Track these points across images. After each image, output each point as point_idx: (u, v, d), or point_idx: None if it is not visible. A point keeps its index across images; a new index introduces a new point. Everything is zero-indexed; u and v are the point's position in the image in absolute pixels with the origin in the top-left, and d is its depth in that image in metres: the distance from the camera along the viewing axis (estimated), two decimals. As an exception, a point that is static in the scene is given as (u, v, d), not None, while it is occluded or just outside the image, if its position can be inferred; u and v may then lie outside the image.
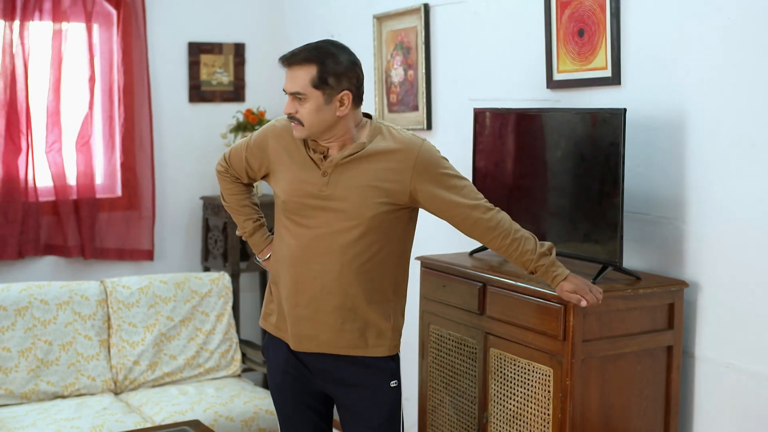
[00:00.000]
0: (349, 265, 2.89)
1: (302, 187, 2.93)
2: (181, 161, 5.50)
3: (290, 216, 2.96)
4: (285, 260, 2.97)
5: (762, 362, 2.98)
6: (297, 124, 2.88)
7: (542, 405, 3.10)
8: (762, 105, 2.92)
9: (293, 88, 2.85)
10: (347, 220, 2.88)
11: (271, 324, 3.08)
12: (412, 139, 2.93)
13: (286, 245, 2.97)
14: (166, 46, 5.40)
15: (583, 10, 3.50)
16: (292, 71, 2.85)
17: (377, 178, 2.88)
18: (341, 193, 2.88)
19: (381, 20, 4.76)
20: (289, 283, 2.96)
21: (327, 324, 2.93)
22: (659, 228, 3.30)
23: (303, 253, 2.93)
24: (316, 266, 2.91)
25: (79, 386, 4.46)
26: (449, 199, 2.90)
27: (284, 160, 2.98)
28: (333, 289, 2.90)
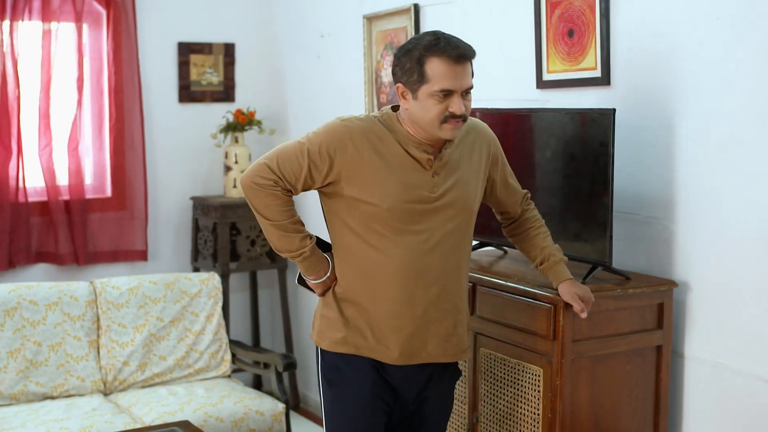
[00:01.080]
0: (458, 266, 2.82)
1: (411, 191, 2.71)
2: (170, 161, 5.49)
3: (392, 224, 2.71)
4: (386, 272, 2.73)
5: (751, 361, 2.98)
6: (461, 123, 2.69)
7: (532, 405, 3.10)
8: (750, 105, 2.93)
9: (469, 83, 2.67)
10: (455, 218, 2.77)
11: (355, 346, 2.79)
12: (476, 120, 2.96)
13: (386, 256, 2.72)
14: (156, 46, 5.39)
15: (572, 11, 3.50)
16: (464, 67, 2.66)
17: (475, 167, 2.85)
18: (452, 193, 2.76)
19: (371, 20, 4.75)
20: (395, 296, 2.74)
21: (439, 332, 2.80)
22: (649, 228, 3.30)
23: (415, 262, 2.73)
24: (432, 273, 2.75)
25: (69, 387, 4.45)
26: (511, 185, 3.00)
27: (376, 164, 2.70)
28: (446, 294, 2.79)
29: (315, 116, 5.35)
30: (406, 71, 2.70)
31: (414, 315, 2.76)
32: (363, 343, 2.79)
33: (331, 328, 2.83)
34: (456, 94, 2.64)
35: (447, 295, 2.80)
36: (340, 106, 5.12)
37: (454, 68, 2.63)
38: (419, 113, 2.68)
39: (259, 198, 2.75)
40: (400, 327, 2.77)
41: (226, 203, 5.27)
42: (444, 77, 2.63)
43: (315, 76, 5.34)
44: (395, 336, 2.77)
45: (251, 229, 5.38)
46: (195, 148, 5.55)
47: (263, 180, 2.73)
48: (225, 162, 5.41)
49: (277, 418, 4.36)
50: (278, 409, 4.39)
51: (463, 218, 2.81)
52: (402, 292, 2.74)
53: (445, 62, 2.62)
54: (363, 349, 2.80)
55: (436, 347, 2.82)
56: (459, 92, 2.65)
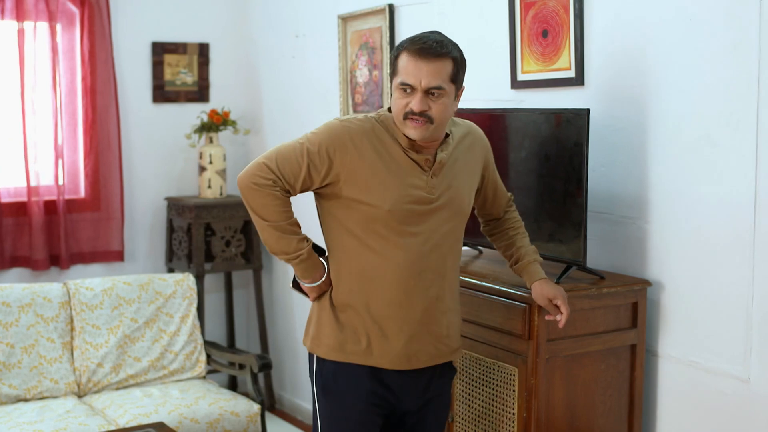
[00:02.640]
0: (453, 267, 2.82)
1: (410, 192, 2.69)
2: (145, 162, 5.47)
3: (392, 225, 2.69)
4: (384, 275, 2.71)
5: (724, 360, 3.00)
6: (424, 123, 2.63)
7: (507, 404, 3.11)
8: (723, 105, 2.95)
9: (434, 82, 2.61)
10: (451, 219, 2.77)
11: (352, 353, 2.76)
12: (470, 122, 2.98)
13: (384, 258, 2.70)
14: (130, 45, 5.37)
15: (546, 11, 3.51)
16: (431, 64, 2.61)
17: (470, 169, 2.86)
18: (448, 194, 2.76)
19: (346, 20, 4.75)
20: (393, 298, 2.72)
21: (436, 333, 2.79)
22: (623, 227, 3.32)
23: (413, 264, 2.71)
24: (430, 275, 2.74)
25: (42, 389, 4.42)
26: (499, 186, 3.02)
27: (377, 166, 2.68)
28: (443, 295, 2.78)
29: (290, 116, 5.34)
30: (391, 65, 2.73)
31: (413, 318, 2.74)
32: (358, 349, 2.75)
33: (326, 334, 2.80)
34: (417, 91, 2.62)
35: (444, 297, 2.80)
36: (315, 106, 5.11)
37: (416, 63, 2.61)
38: (393, 106, 2.71)
39: (257, 198, 2.70)
40: (399, 330, 2.74)
41: (200, 204, 5.26)
42: (405, 71, 2.63)
43: (290, 76, 5.33)
44: (394, 340, 2.74)
45: (226, 230, 5.36)
46: (169, 149, 5.53)
47: (262, 180, 2.68)
48: (200, 162, 5.39)
49: (252, 419, 4.35)
50: (253, 410, 4.38)
51: (457, 220, 2.82)
52: (401, 295, 2.72)
53: (408, 56, 2.63)
54: (359, 356, 2.76)
55: (432, 349, 2.80)
56: (419, 89, 2.62)
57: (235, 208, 5.38)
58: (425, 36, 2.66)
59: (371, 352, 2.75)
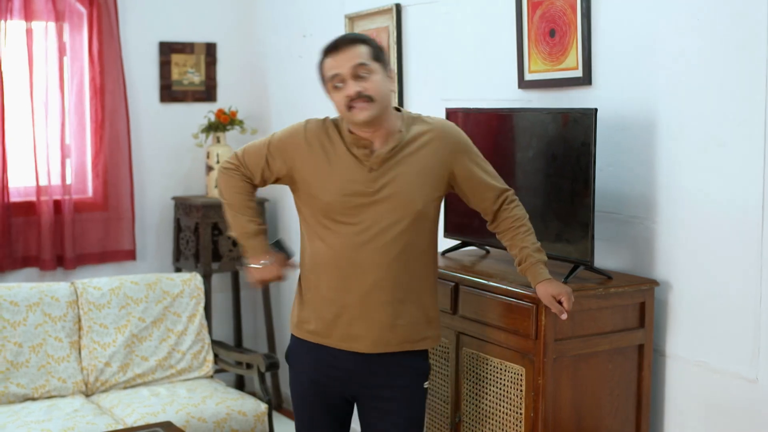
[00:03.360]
0: (398, 259, 2.89)
1: (348, 186, 2.87)
2: (152, 161, 5.48)
3: (333, 216, 2.89)
4: (327, 261, 2.92)
5: (732, 360, 3.00)
6: (365, 102, 2.81)
7: (514, 404, 3.10)
8: (731, 105, 2.95)
9: (356, 60, 2.82)
10: (396, 214, 2.87)
11: (307, 331, 3.00)
12: (444, 121, 3.05)
13: (327, 246, 2.91)
14: (137, 45, 5.37)
15: (554, 11, 3.51)
16: (345, 52, 2.84)
17: (423, 167, 2.91)
18: (390, 188, 2.87)
19: (353, 20, 4.75)
20: (334, 283, 2.91)
21: (379, 321, 2.90)
22: (630, 227, 3.32)
23: (350, 252, 2.88)
24: (366, 263, 2.87)
25: (50, 388, 4.43)
26: (485, 182, 3.01)
27: (321, 161, 2.91)
28: (384, 285, 2.89)
29: (297, 116, 5.30)
30: (320, 78, 2.96)
31: (350, 303, 2.90)
32: (309, 328, 2.99)
33: (293, 312, 3.09)
34: (346, 78, 2.82)
35: (386, 287, 2.89)
36: (321, 105, 5.08)
37: (335, 57, 2.85)
38: (336, 109, 2.91)
39: (221, 180, 3.05)
40: (338, 314, 2.92)
41: (207, 203, 5.26)
42: (329, 68, 2.87)
43: (297, 76, 5.33)
44: (334, 322, 2.93)
45: (233, 229, 5.36)
46: (176, 148, 5.53)
47: (228, 164, 3.04)
48: (207, 162, 5.40)
49: (259, 418, 4.35)
50: (261, 409, 4.38)
51: (406, 214, 2.88)
52: (339, 280, 2.91)
53: (326, 57, 2.88)
54: (310, 335, 2.99)
55: (380, 337, 2.91)
56: (348, 75, 2.82)
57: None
58: (336, 38, 2.91)
59: (318, 331, 2.97)
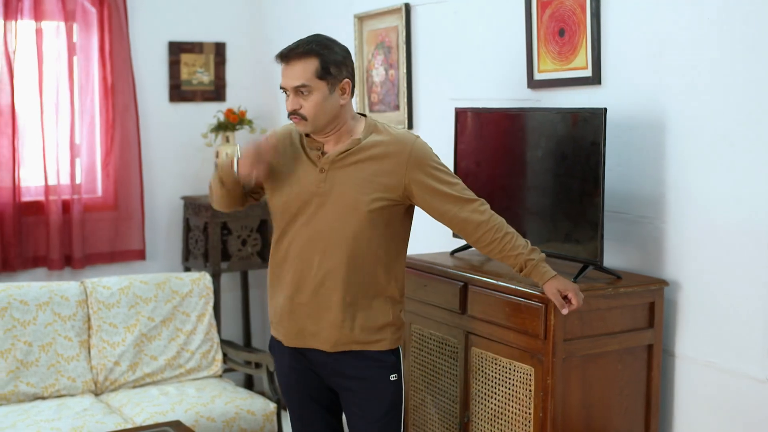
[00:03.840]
0: (349, 261, 2.91)
1: (302, 185, 2.94)
2: (161, 161, 5.48)
3: (290, 215, 2.97)
4: (286, 259, 2.99)
5: (741, 360, 2.99)
6: (300, 120, 2.89)
7: (523, 404, 3.10)
8: (740, 105, 2.94)
9: (297, 81, 2.85)
10: (345, 216, 2.90)
11: (275, 329, 3.10)
12: (406, 134, 2.99)
13: (287, 244, 2.99)
14: (147, 45, 5.38)
15: (563, 10, 3.51)
16: (292, 66, 2.85)
17: (373, 173, 2.91)
18: (339, 189, 2.91)
19: (362, 20, 4.75)
20: (289, 280, 2.98)
21: (328, 320, 2.95)
22: (639, 227, 3.31)
23: (303, 250, 2.94)
24: (317, 262, 2.93)
25: (59, 387, 4.44)
26: (443, 193, 2.93)
27: (284, 162, 2.99)
28: (334, 285, 2.93)
29: (306, 116, 5.34)
30: None
31: (301, 299, 2.97)
32: (276, 326, 3.08)
33: (271, 315, 3.15)
34: (290, 93, 2.88)
35: (335, 288, 2.93)
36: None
37: (283, 68, 2.89)
38: None
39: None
40: (291, 308, 2.99)
41: (217, 203, 5.26)
42: (280, 74, 2.91)
43: (306, 75, 5.33)
44: (289, 317, 3.00)
45: (242, 229, 5.38)
46: (186, 148, 5.54)
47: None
48: (216, 161, 5.40)
49: (268, 417, 4.36)
50: (269, 408, 4.39)
51: (353, 217, 2.89)
52: (292, 276, 2.97)
53: (278, 62, 2.91)
54: (277, 334, 3.09)
55: (329, 336, 2.96)
56: (289, 90, 2.88)
57: (251, 207, 5.34)
58: (296, 41, 2.89)
59: (283, 330, 3.05)
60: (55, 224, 5.05)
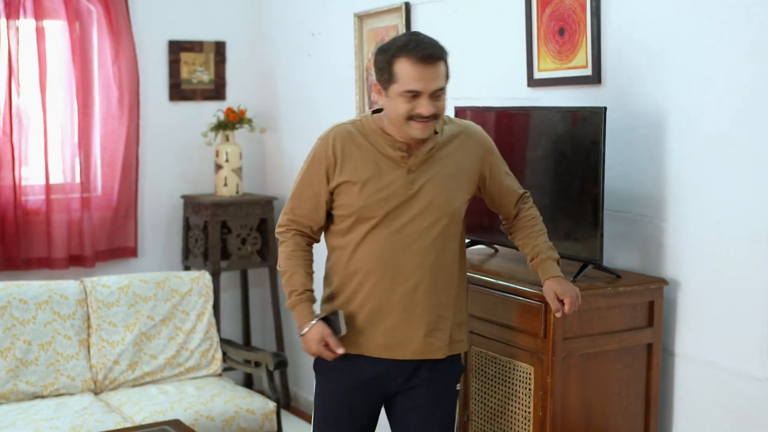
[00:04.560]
0: (436, 262, 2.86)
1: (386, 188, 2.81)
2: (161, 160, 5.49)
3: (370, 221, 2.82)
4: (367, 269, 2.84)
5: (741, 359, 2.99)
6: (429, 123, 2.75)
7: (523, 402, 3.10)
8: (740, 104, 2.94)
9: (441, 83, 2.74)
10: (434, 215, 2.83)
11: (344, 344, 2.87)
12: (470, 123, 3.02)
13: (366, 253, 2.84)
14: (147, 44, 5.38)
15: (563, 9, 3.51)
16: (435, 67, 2.72)
17: (458, 166, 2.89)
18: (428, 188, 2.82)
19: (362, 18, 4.75)
20: (374, 291, 2.84)
21: (420, 328, 2.85)
22: (639, 226, 3.31)
23: (392, 258, 2.82)
24: (408, 269, 2.83)
25: (59, 386, 4.43)
26: (507, 184, 3.01)
27: (353, 164, 2.83)
28: (425, 289, 2.84)
29: (306, 114, 5.35)
30: (380, 70, 2.78)
31: (392, 309, 2.84)
32: (347, 339, 2.87)
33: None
34: (423, 96, 2.71)
35: (427, 291, 2.85)
36: (330, 104, 5.12)
37: (421, 70, 2.70)
38: (390, 110, 2.79)
39: (280, 248, 2.97)
40: (379, 322, 2.86)
41: (216, 202, 5.27)
42: (410, 78, 2.70)
43: (306, 74, 5.33)
44: (375, 330, 2.86)
45: (242, 228, 5.38)
46: (186, 147, 5.54)
47: (280, 228, 2.97)
48: (216, 160, 5.41)
49: (267, 416, 4.36)
50: (269, 407, 4.38)
51: (444, 216, 2.85)
52: (379, 287, 2.84)
53: (411, 63, 2.70)
54: (350, 347, 2.88)
55: (419, 343, 2.86)
56: (426, 93, 2.72)
57: (251, 206, 5.39)
58: (418, 39, 2.74)
59: (357, 340, 2.88)
60: (56, 223, 5.06)
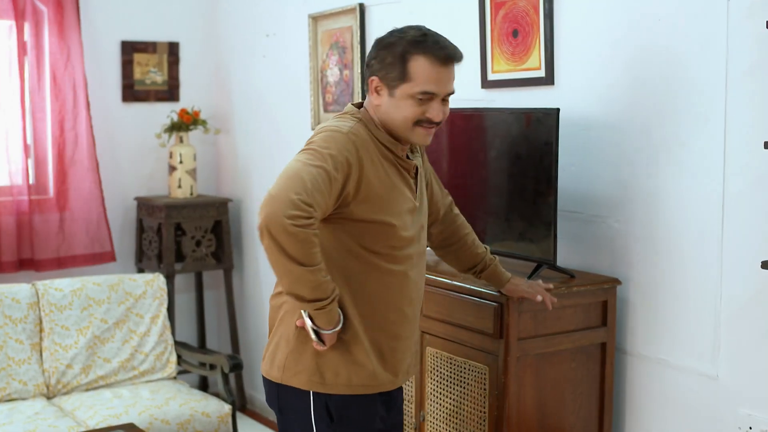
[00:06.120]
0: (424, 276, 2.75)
1: (407, 203, 2.54)
2: (114, 161, 5.44)
3: (395, 243, 2.52)
4: (393, 295, 2.55)
5: (693, 357, 3.03)
6: (434, 127, 2.53)
7: (478, 403, 3.11)
8: (691, 104, 2.97)
9: (452, 86, 2.50)
10: (425, 226, 2.69)
11: (363, 385, 2.56)
12: None
13: (393, 278, 2.54)
14: (99, 44, 5.33)
15: (516, 11, 3.53)
16: (452, 68, 2.49)
17: (426, 171, 2.83)
18: (422, 197, 2.67)
19: (316, 20, 4.74)
20: (400, 317, 2.57)
21: (415, 347, 2.74)
22: (592, 226, 3.34)
23: (413, 278, 2.58)
24: (418, 288, 2.66)
25: (10, 391, 4.38)
26: (438, 189, 2.95)
27: (379, 178, 2.47)
28: (420, 308, 2.74)
29: (261, 116, 5.33)
30: (386, 65, 2.48)
31: (409, 335, 2.64)
32: (372, 377, 2.56)
33: (333, 366, 2.54)
34: (436, 99, 2.48)
35: (420, 309, 2.78)
36: (286, 105, 5.10)
37: (440, 70, 2.45)
38: (392, 112, 2.50)
39: (297, 242, 2.28)
40: (400, 350, 2.61)
41: (170, 203, 5.23)
42: (428, 79, 2.45)
43: (260, 75, 5.32)
44: (400, 358, 2.62)
45: (196, 230, 5.34)
46: (139, 148, 5.50)
47: (303, 220, 2.28)
48: (170, 162, 5.37)
49: (223, 419, 4.33)
50: (224, 410, 4.36)
51: (427, 224, 2.82)
52: (404, 312, 2.59)
53: (431, 62, 2.44)
54: (370, 387, 2.58)
55: (414, 363, 2.78)
56: (440, 97, 2.49)
57: (205, 207, 5.36)
58: (435, 36, 2.49)
59: (383, 377, 2.58)
60: (6, 226, 4.99)
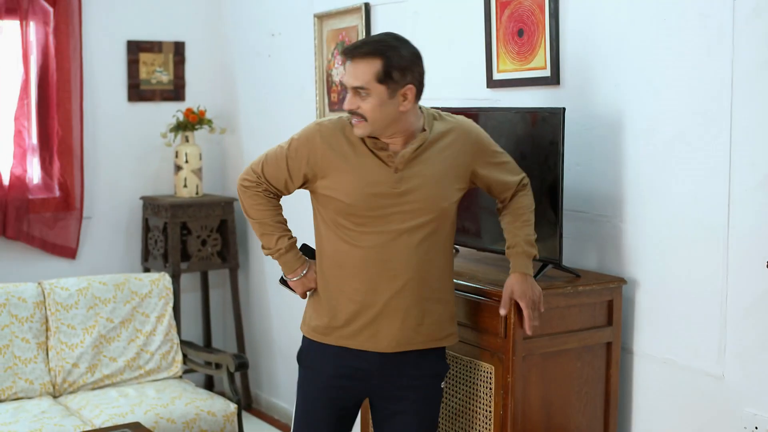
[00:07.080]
0: (425, 258, 2.87)
1: (372, 187, 2.82)
2: (120, 161, 5.44)
3: (357, 218, 2.85)
4: (353, 263, 2.87)
5: (698, 357, 3.02)
6: (360, 121, 2.79)
7: (484, 402, 3.11)
8: (697, 104, 2.97)
9: (356, 83, 2.76)
10: (422, 214, 2.85)
11: (324, 332, 2.95)
12: (462, 118, 3.01)
13: (352, 248, 2.86)
14: (105, 44, 5.34)
15: (522, 11, 3.53)
16: (355, 65, 2.77)
17: (447, 164, 2.89)
18: (416, 188, 2.83)
19: (322, 19, 4.75)
20: (360, 285, 2.87)
21: (406, 322, 2.88)
22: (598, 226, 3.34)
23: (378, 255, 2.84)
24: (396, 265, 2.85)
25: (17, 390, 4.38)
26: (502, 178, 3.00)
27: (338, 162, 2.85)
28: (413, 285, 2.87)
29: (266, 115, 5.33)
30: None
31: (377, 303, 2.87)
32: (328, 329, 2.94)
33: (307, 313, 3.04)
34: (349, 91, 2.80)
35: (414, 287, 2.87)
36: (291, 105, 5.11)
37: (347, 64, 2.80)
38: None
39: (244, 198, 3.00)
40: (362, 314, 2.89)
41: (176, 203, 5.24)
42: (343, 70, 2.84)
43: (266, 74, 5.32)
44: (357, 323, 2.90)
45: (202, 229, 5.35)
46: (145, 148, 5.50)
47: (247, 182, 2.98)
48: (175, 161, 5.37)
49: (228, 418, 4.34)
50: (230, 409, 4.37)
51: (432, 213, 2.86)
52: (366, 282, 2.87)
53: (343, 57, 2.83)
54: (327, 337, 2.95)
55: (403, 336, 2.89)
56: (349, 89, 2.80)
57: (211, 207, 5.37)
58: (365, 38, 2.88)
59: (340, 332, 2.93)
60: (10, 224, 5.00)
